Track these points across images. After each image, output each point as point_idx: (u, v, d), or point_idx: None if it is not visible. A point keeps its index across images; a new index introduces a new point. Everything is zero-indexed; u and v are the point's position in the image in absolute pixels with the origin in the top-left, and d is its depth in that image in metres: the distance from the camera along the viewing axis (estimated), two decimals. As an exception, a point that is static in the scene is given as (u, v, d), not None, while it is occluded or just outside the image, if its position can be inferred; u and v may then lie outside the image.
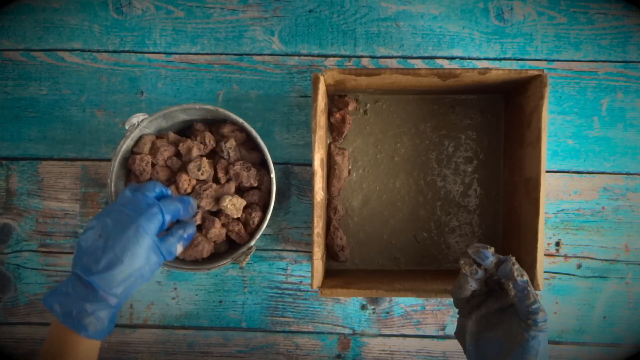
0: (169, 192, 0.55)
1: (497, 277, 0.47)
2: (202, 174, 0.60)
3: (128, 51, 0.70)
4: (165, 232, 0.53)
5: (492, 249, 0.46)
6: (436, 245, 0.69)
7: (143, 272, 0.49)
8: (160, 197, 0.53)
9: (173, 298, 0.70)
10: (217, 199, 0.61)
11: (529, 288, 0.44)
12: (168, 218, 0.51)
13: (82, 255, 0.48)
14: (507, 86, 0.63)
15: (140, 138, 0.62)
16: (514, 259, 0.46)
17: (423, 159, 0.69)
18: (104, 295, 0.47)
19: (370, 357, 0.70)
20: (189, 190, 0.60)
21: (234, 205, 0.60)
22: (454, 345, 0.70)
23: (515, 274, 0.44)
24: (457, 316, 0.52)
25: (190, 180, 0.60)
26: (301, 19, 0.69)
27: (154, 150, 0.61)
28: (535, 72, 0.58)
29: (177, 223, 0.54)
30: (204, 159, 0.60)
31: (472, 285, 0.48)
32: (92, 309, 0.46)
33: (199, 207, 0.60)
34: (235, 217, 0.60)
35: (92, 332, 0.46)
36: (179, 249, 0.53)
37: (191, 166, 0.60)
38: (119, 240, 0.47)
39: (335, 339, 0.70)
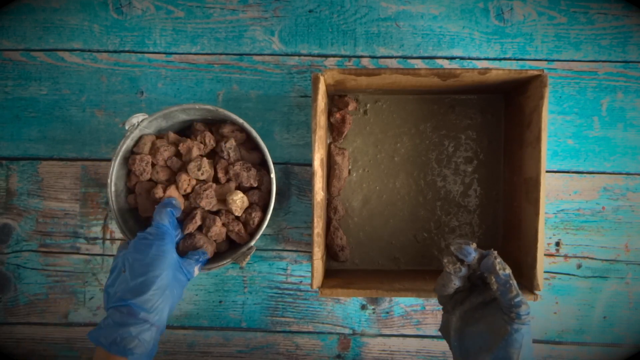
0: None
1: (479, 272, 0.47)
2: (202, 174, 0.60)
3: (128, 51, 0.70)
4: (183, 255, 0.58)
5: (474, 245, 0.46)
6: (436, 245, 0.69)
7: (174, 290, 0.53)
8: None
9: (173, 298, 0.70)
10: (217, 199, 0.61)
11: (511, 281, 0.44)
12: (173, 232, 0.56)
13: (113, 294, 0.51)
14: (507, 86, 0.63)
15: (140, 138, 0.62)
16: (495, 252, 0.46)
17: (423, 159, 0.69)
18: (145, 315, 0.49)
19: (370, 357, 0.70)
20: (188, 190, 0.60)
21: (242, 202, 0.60)
22: (454, 345, 0.70)
23: (498, 267, 0.44)
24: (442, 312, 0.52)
25: (190, 180, 0.60)
26: (301, 19, 0.69)
27: (154, 150, 0.61)
28: (535, 72, 0.58)
29: (193, 250, 0.59)
30: (204, 159, 0.60)
31: (455, 283, 0.48)
32: (136, 332, 0.48)
33: (198, 206, 0.60)
34: (237, 215, 0.60)
35: (137, 356, 0.48)
36: (196, 271, 0.57)
37: (191, 166, 0.60)
38: (142, 263, 0.51)
39: (335, 339, 0.70)
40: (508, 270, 0.44)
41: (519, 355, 0.43)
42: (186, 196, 0.61)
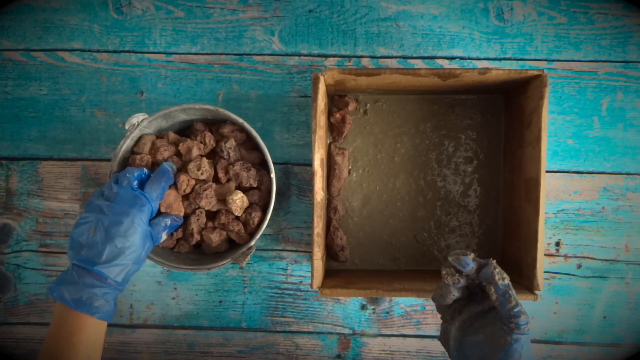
0: (147, 172, 0.59)
1: (478, 281, 0.47)
2: (202, 174, 0.60)
3: (128, 51, 0.70)
4: (153, 218, 0.58)
5: (472, 255, 0.46)
6: (436, 245, 0.69)
7: (141, 257, 0.54)
8: (144, 179, 0.58)
9: (173, 298, 0.70)
10: (217, 199, 0.61)
11: (510, 291, 0.43)
12: (156, 205, 0.57)
13: (80, 247, 0.52)
14: (507, 86, 0.63)
15: (140, 138, 0.62)
16: (494, 262, 0.45)
17: (423, 159, 0.69)
18: (111, 281, 0.52)
19: (370, 357, 0.70)
20: (188, 190, 0.60)
21: (242, 202, 0.60)
22: (454, 345, 0.70)
23: (497, 277, 0.44)
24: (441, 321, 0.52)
25: (189, 180, 0.60)
26: (301, 19, 0.69)
27: (154, 150, 0.61)
28: (535, 72, 0.58)
29: (162, 214, 0.59)
30: (204, 159, 0.60)
31: (454, 294, 0.47)
32: (102, 293, 0.51)
33: (198, 206, 0.60)
34: (237, 215, 0.61)
35: (102, 314, 0.51)
36: (163, 236, 0.58)
37: (191, 166, 0.60)
38: (117, 233, 0.52)
39: (335, 339, 0.70)
40: (507, 280, 0.44)
41: None
42: (185, 197, 0.61)
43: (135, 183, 0.56)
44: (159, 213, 0.59)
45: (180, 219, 0.60)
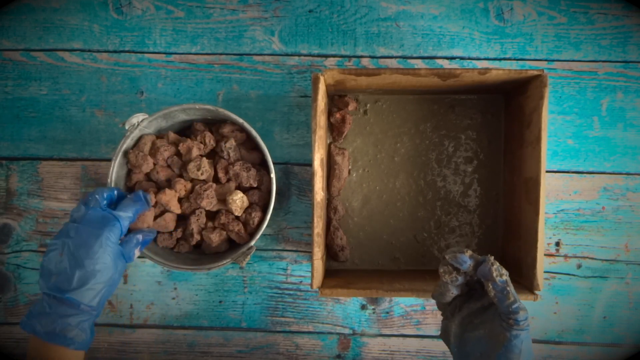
0: (119, 192, 0.57)
1: (477, 278, 0.47)
2: (201, 174, 0.60)
3: (128, 51, 0.70)
4: (124, 237, 0.55)
5: (469, 253, 0.46)
6: (436, 245, 0.69)
7: (114, 278, 0.52)
8: (117, 200, 0.56)
9: (173, 298, 0.70)
10: (217, 199, 0.61)
11: (508, 288, 0.43)
12: (126, 224, 0.54)
13: (49, 276, 0.49)
14: (507, 86, 0.63)
15: (140, 138, 0.62)
16: (492, 258, 0.45)
17: (423, 159, 0.69)
18: (85, 307, 0.49)
19: (370, 357, 0.70)
20: (182, 193, 0.61)
21: (242, 202, 0.60)
22: (454, 345, 0.70)
23: (495, 274, 0.44)
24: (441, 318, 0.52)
25: (185, 185, 0.61)
26: (301, 19, 0.69)
27: (154, 150, 0.61)
28: (535, 72, 0.58)
29: (132, 231, 0.57)
30: (204, 159, 0.60)
31: (453, 292, 0.47)
32: (76, 322, 0.49)
33: (199, 206, 0.60)
34: (237, 215, 0.61)
35: (78, 344, 0.48)
36: (136, 253, 0.55)
37: (191, 166, 0.60)
38: (85, 255, 0.49)
39: (335, 339, 0.70)
40: (505, 277, 0.44)
41: None
42: (181, 200, 0.62)
43: (104, 203, 0.54)
44: (130, 230, 0.56)
45: (153, 232, 0.58)
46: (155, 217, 0.60)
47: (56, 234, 0.52)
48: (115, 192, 0.56)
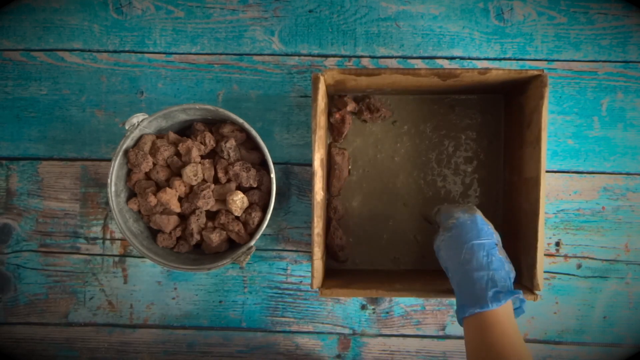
0: None
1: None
2: (195, 180, 0.60)
3: (128, 51, 0.70)
4: None
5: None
6: (436, 245, 0.69)
7: None
8: None
9: (173, 298, 0.70)
10: (217, 199, 0.61)
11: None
12: None
13: None
14: (507, 86, 0.63)
15: (140, 138, 0.62)
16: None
17: (423, 159, 0.69)
18: None
19: (370, 357, 0.70)
20: (181, 191, 0.61)
21: (242, 202, 0.60)
22: (454, 345, 0.70)
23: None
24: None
25: (184, 184, 0.61)
26: (301, 19, 0.69)
27: (153, 150, 0.61)
28: (535, 72, 0.58)
29: None
30: (200, 165, 0.61)
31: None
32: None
33: (197, 207, 0.60)
34: (237, 215, 0.61)
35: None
36: None
37: (187, 170, 0.60)
38: None
39: (335, 339, 0.70)
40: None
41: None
42: (181, 200, 0.62)
43: None
44: None
45: None
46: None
47: None
48: None
